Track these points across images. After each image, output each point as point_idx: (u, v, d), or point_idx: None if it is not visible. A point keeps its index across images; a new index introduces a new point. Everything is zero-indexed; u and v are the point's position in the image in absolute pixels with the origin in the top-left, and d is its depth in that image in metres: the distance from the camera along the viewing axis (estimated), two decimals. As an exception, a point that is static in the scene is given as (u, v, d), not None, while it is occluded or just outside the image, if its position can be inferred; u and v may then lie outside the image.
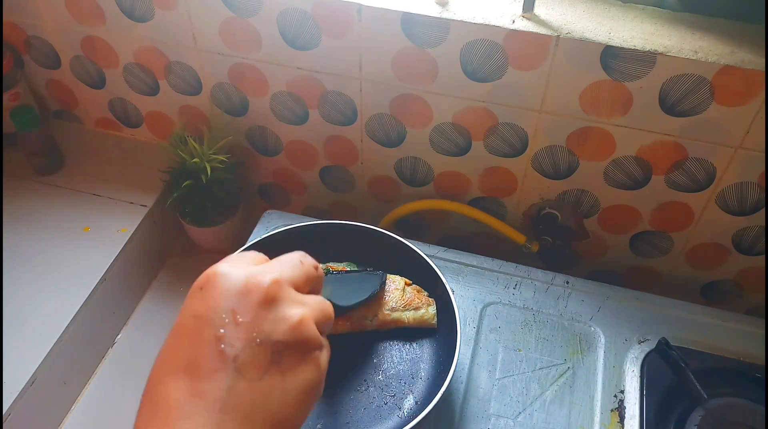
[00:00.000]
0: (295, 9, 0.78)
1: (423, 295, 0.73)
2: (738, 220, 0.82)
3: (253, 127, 0.96)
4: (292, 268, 0.40)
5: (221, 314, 0.37)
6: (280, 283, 0.38)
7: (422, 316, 0.72)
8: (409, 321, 0.72)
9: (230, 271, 0.38)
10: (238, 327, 0.36)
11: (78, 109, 1.07)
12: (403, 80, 0.81)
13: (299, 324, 0.38)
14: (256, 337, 0.36)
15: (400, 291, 0.73)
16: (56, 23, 0.94)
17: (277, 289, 0.38)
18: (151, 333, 0.95)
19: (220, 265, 0.39)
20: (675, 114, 0.73)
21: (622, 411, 0.70)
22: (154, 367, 0.39)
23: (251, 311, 0.37)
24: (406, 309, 0.72)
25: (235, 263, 0.40)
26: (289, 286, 0.39)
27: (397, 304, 0.72)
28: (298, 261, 0.42)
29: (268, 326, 0.37)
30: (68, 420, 0.85)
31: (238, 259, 0.41)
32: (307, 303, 0.39)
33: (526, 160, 0.85)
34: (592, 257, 0.95)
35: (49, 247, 0.91)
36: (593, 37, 0.70)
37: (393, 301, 0.72)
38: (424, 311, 0.72)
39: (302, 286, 0.41)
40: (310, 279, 0.42)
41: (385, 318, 0.71)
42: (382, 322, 0.71)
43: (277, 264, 0.41)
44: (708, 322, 0.78)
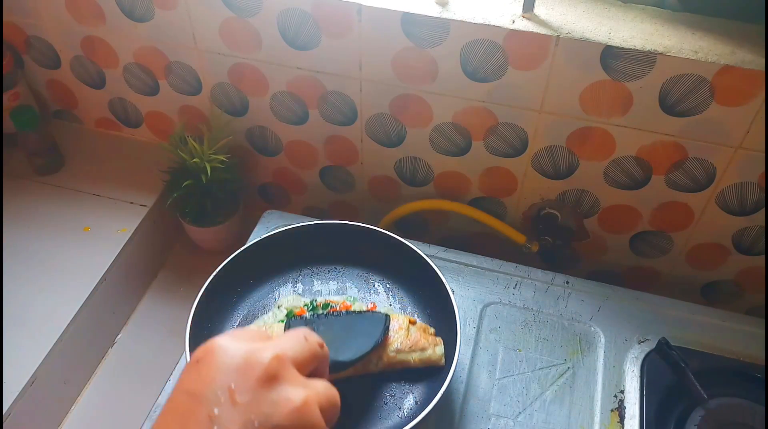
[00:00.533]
0: (295, 9, 0.78)
1: (429, 335, 0.69)
2: (738, 220, 0.82)
3: (253, 127, 0.96)
4: (295, 345, 0.38)
5: (217, 392, 0.34)
6: (282, 359, 0.36)
7: (429, 357, 0.67)
8: (415, 362, 0.67)
9: (230, 345, 0.36)
10: (234, 407, 0.34)
11: (78, 109, 1.07)
12: (403, 80, 0.81)
13: (302, 407, 0.35)
14: (254, 419, 0.33)
15: (405, 330, 0.68)
16: (56, 23, 0.94)
17: (278, 367, 0.35)
18: (151, 333, 0.95)
19: (219, 338, 0.37)
20: (675, 114, 0.73)
21: (622, 411, 0.70)
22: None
23: (250, 390, 0.34)
24: (412, 350, 0.67)
25: (235, 337, 0.37)
26: (291, 364, 0.37)
27: (403, 345, 0.67)
28: (302, 337, 0.39)
29: (267, 408, 0.34)
30: (68, 420, 0.85)
31: (240, 333, 0.38)
32: (312, 385, 0.37)
33: (526, 160, 0.85)
34: (592, 257, 0.95)
35: (49, 247, 0.91)
36: (593, 37, 0.70)
37: (398, 341, 0.67)
38: (431, 352, 0.67)
39: (306, 365, 0.38)
40: (314, 357, 0.39)
41: (391, 360, 0.66)
42: (387, 364, 0.67)
43: (280, 340, 0.38)
44: (708, 322, 0.78)
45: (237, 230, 1.00)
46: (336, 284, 0.79)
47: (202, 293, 0.71)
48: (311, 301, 0.74)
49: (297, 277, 0.79)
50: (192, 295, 0.71)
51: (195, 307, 0.70)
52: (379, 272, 0.80)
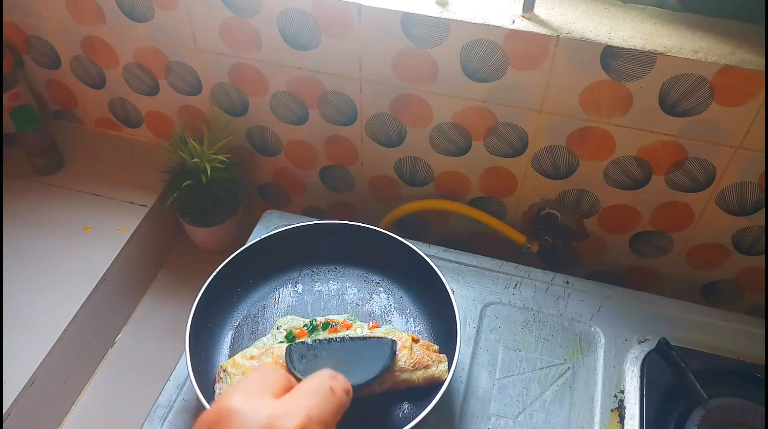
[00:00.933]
0: (295, 9, 0.78)
1: (432, 352, 0.67)
2: (738, 220, 0.82)
3: (253, 127, 0.96)
4: (322, 402, 0.33)
5: None
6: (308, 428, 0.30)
7: (433, 375, 0.66)
8: (419, 381, 0.65)
9: (248, 411, 0.30)
10: None
11: (78, 109, 1.07)
12: (403, 80, 0.81)
13: None
14: None
15: (408, 349, 0.66)
16: (56, 23, 0.94)
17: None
18: (152, 333, 0.95)
19: (234, 397, 0.31)
20: (675, 114, 0.73)
21: (622, 411, 0.70)
22: None
23: None
24: (416, 368, 0.65)
25: (252, 395, 0.31)
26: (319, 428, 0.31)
27: (406, 364, 0.65)
28: (328, 390, 0.34)
29: None
30: (68, 420, 0.85)
31: (257, 385, 0.32)
32: None
33: (526, 160, 0.85)
34: (592, 257, 0.95)
35: (49, 247, 0.91)
36: (593, 37, 0.70)
37: (401, 360, 0.65)
38: (435, 369, 0.66)
39: (333, 422, 0.33)
40: (341, 410, 0.34)
41: (395, 380, 0.64)
42: (391, 384, 0.65)
43: (305, 397, 0.32)
44: (708, 322, 0.78)
45: (237, 230, 1.00)
46: (336, 284, 0.79)
47: (202, 293, 0.71)
48: (311, 321, 0.73)
49: (297, 277, 0.79)
50: (192, 295, 0.71)
51: (195, 307, 0.70)
52: (379, 272, 0.80)
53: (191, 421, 0.68)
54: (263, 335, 0.73)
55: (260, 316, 0.75)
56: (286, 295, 0.78)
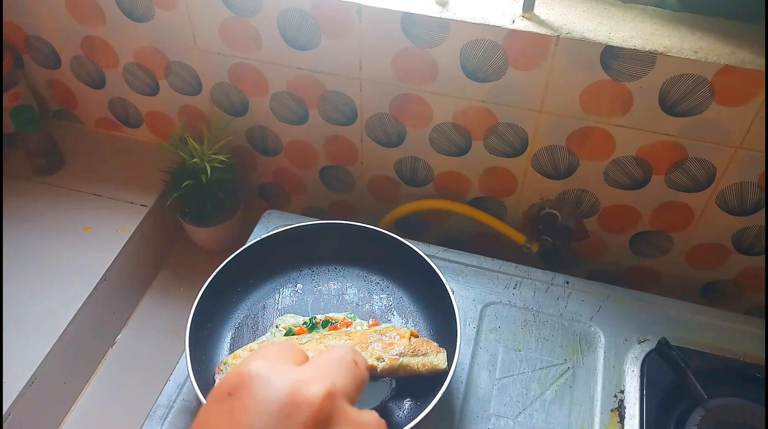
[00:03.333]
0: (295, 9, 0.78)
1: (432, 345, 0.68)
2: (738, 220, 0.82)
3: (253, 127, 0.96)
4: (346, 373, 0.31)
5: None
6: (334, 397, 0.29)
7: (432, 362, 0.66)
8: (417, 367, 0.66)
9: (270, 376, 0.29)
10: None
11: (78, 109, 1.07)
12: (403, 80, 0.81)
13: None
14: None
15: (406, 339, 0.67)
16: (56, 23, 0.94)
17: (331, 408, 0.29)
18: (152, 333, 0.95)
19: (254, 362, 0.30)
20: (675, 114, 0.73)
21: (622, 411, 0.70)
22: None
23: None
24: (415, 354, 0.66)
25: (273, 361, 0.30)
26: (344, 399, 0.30)
27: (405, 350, 0.66)
28: (352, 362, 0.32)
29: None
30: (68, 420, 0.85)
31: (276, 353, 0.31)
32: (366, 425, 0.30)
33: (526, 160, 0.85)
34: (592, 257, 0.95)
35: (49, 247, 0.91)
36: (593, 37, 0.70)
37: (400, 346, 0.66)
38: (434, 357, 0.67)
39: (354, 396, 0.32)
40: (364, 385, 0.33)
41: (393, 363, 0.65)
42: (390, 367, 0.65)
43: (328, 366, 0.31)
44: (708, 322, 0.78)
45: (237, 230, 1.01)
46: (336, 284, 0.79)
47: (202, 293, 0.71)
48: (310, 319, 0.73)
49: (297, 277, 0.79)
50: (192, 295, 0.71)
51: (195, 307, 0.70)
52: (379, 272, 0.80)
53: (191, 421, 0.68)
54: (263, 335, 0.73)
55: (260, 316, 0.75)
56: (287, 294, 0.78)
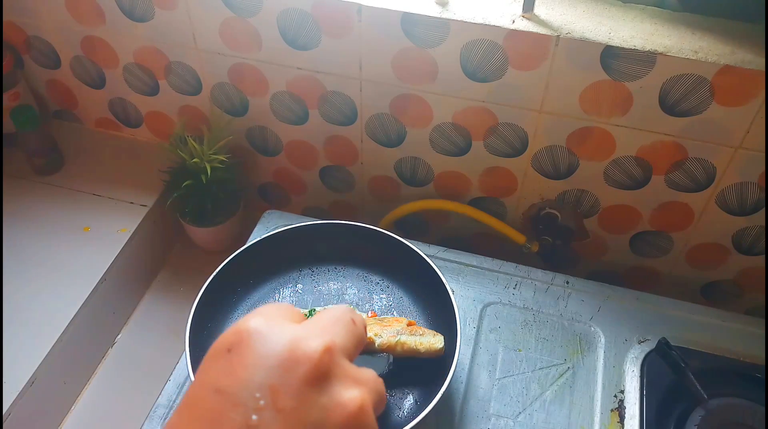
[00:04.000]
0: (295, 9, 0.78)
1: (429, 330, 0.69)
2: (738, 220, 0.82)
3: (253, 127, 0.96)
4: (344, 330, 0.32)
5: (255, 393, 0.27)
6: (332, 352, 0.29)
7: (429, 342, 0.67)
8: (415, 346, 0.67)
9: (269, 331, 0.29)
10: (277, 414, 0.27)
11: (78, 109, 1.07)
12: (403, 80, 0.81)
13: (359, 412, 0.29)
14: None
15: (403, 324, 0.69)
16: (56, 23, 0.94)
17: (329, 362, 0.29)
18: (151, 333, 0.95)
19: (253, 319, 0.30)
20: (675, 114, 0.73)
21: (622, 411, 0.70)
22: None
23: (296, 392, 0.28)
24: (413, 333, 0.67)
25: (272, 319, 0.30)
26: (342, 356, 0.30)
27: (403, 330, 0.67)
28: (350, 320, 0.32)
29: (317, 415, 0.28)
30: (68, 420, 0.85)
31: (274, 312, 0.32)
32: (364, 381, 0.31)
33: (526, 160, 0.85)
34: (592, 257, 0.95)
35: (49, 247, 0.91)
36: (593, 37, 0.70)
37: (397, 327, 0.68)
38: (431, 337, 0.68)
39: (353, 354, 0.32)
40: (362, 344, 0.33)
41: (390, 341, 0.66)
42: (387, 343, 0.66)
43: (327, 323, 0.32)
44: (708, 322, 0.78)
45: (237, 230, 1.00)
46: (336, 284, 0.79)
47: (202, 293, 0.71)
48: (310, 310, 0.73)
49: (297, 277, 0.79)
50: (192, 295, 0.71)
51: (195, 307, 0.70)
52: (379, 272, 0.80)
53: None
54: None
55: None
56: (286, 294, 0.78)
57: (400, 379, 0.69)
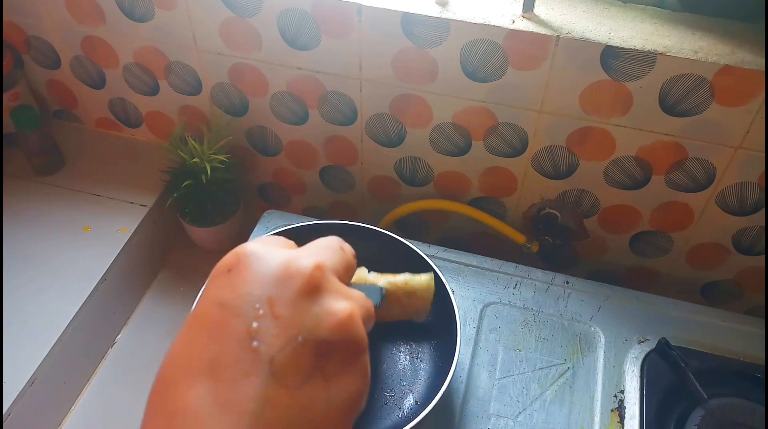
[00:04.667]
0: (295, 9, 0.78)
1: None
2: (738, 220, 0.82)
3: (253, 127, 0.96)
4: (333, 255, 0.34)
5: (255, 304, 0.30)
6: (323, 269, 0.32)
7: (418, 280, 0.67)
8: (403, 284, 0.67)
9: (265, 252, 0.32)
10: (275, 321, 0.30)
11: (78, 109, 1.07)
12: (403, 80, 0.81)
13: (348, 320, 0.31)
14: (297, 334, 0.30)
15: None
16: (56, 23, 0.94)
17: (321, 277, 0.32)
18: (152, 333, 0.95)
19: (250, 244, 0.33)
20: (675, 114, 0.73)
21: (622, 411, 0.70)
22: (164, 365, 0.31)
23: (291, 302, 0.30)
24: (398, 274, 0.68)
25: (268, 244, 0.34)
26: (332, 274, 0.33)
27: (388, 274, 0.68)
28: (338, 247, 0.35)
29: (311, 321, 0.30)
30: (68, 420, 0.85)
31: (271, 240, 0.35)
32: (353, 296, 0.33)
33: (526, 160, 0.85)
34: (592, 257, 0.95)
35: (49, 247, 0.91)
36: (593, 37, 0.70)
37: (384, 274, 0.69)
38: (418, 278, 0.67)
39: (343, 276, 0.35)
40: (350, 269, 0.36)
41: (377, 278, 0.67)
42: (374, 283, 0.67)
43: (318, 248, 0.35)
44: (708, 322, 0.78)
45: (237, 230, 1.00)
46: (336, 284, 0.79)
47: (202, 293, 0.71)
48: None
49: (297, 277, 0.79)
50: (192, 295, 0.71)
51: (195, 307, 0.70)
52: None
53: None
54: None
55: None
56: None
57: (401, 378, 0.69)
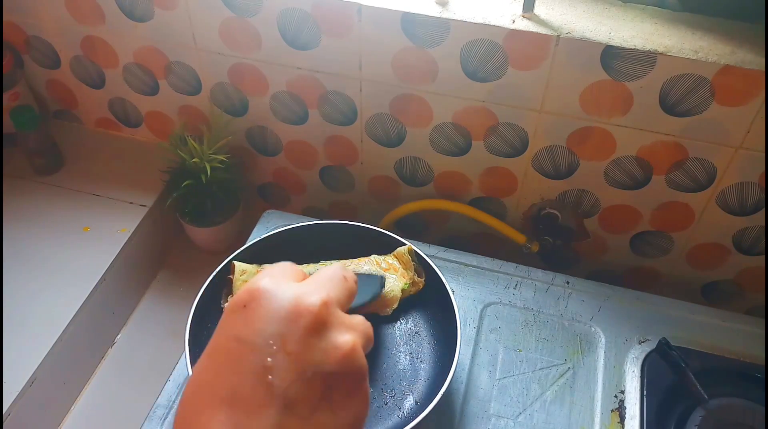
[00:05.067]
0: (295, 9, 0.78)
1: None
2: (738, 220, 0.82)
3: (252, 127, 0.96)
4: (337, 287, 0.38)
5: (269, 340, 0.33)
6: (329, 305, 0.36)
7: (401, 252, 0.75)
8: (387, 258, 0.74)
9: (277, 289, 0.35)
10: (287, 357, 0.33)
11: (78, 109, 1.07)
12: (403, 80, 0.81)
13: (351, 352, 0.35)
14: (307, 369, 0.33)
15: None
16: (56, 23, 0.94)
17: (326, 314, 0.35)
18: (151, 333, 0.95)
19: (262, 280, 0.36)
20: (675, 114, 0.73)
21: (622, 411, 0.70)
22: (189, 392, 0.35)
23: (300, 339, 0.34)
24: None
25: (278, 279, 0.36)
26: (337, 307, 0.37)
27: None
28: (341, 277, 0.39)
29: (318, 356, 0.34)
30: (68, 420, 0.85)
31: (280, 273, 0.38)
32: (354, 327, 0.36)
33: (527, 160, 0.85)
34: (592, 257, 0.95)
35: (49, 247, 0.91)
36: (593, 37, 0.70)
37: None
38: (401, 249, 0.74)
39: (345, 305, 0.38)
40: (352, 296, 0.39)
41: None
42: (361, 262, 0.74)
43: (323, 281, 0.38)
44: (708, 322, 0.78)
45: (237, 230, 1.00)
46: (336, 284, 0.79)
47: (202, 293, 0.71)
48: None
49: (297, 277, 0.79)
50: (192, 295, 0.71)
51: (195, 307, 0.70)
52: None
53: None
54: None
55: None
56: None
57: (401, 378, 0.69)
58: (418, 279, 0.75)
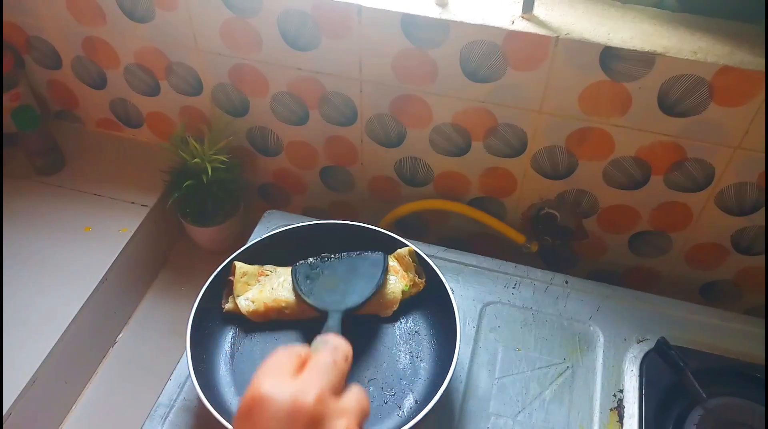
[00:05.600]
0: (296, 10, 0.78)
1: None
2: (737, 220, 0.82)
3: (253, 127, 0.96)
4: (329, 375, 0.42)
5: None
6: (323, 400, 0.40)
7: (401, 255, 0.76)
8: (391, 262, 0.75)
9: (275, 394, 0.40)
10: None
11: (79, 110, 1.07)
12: (403, 81, 0.81)
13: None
14: None
15: None
16: (57, 23, 0.94)
17: (321, 408, 0.39)
18: (152, 333, 0.95)
19: (262, 384, 0.40)
20: (674, 114, 0.74)
21: (621, 410, 0.70)
22: None
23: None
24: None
25: (276, 379, 0.41)
26: (330, 396, 0.41)
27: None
28: (331, 363, 0.43)
29: None
30: (69, 420, 0.85)
31: (277, 369, 0.42)
32: (349, 410, 0.41)
33: (526, 161, 0.85)
34: (592, 257, 0.95)
35: (50, 247, 0.91)
36: (593, 38, 0.70)
37: None
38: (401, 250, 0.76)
39: (340, 387, 0.42)
40: (344, 376, 0.43)
41: None
42: None
43: (315, 373, 0.42)
44: (707, 321, 0.79)
45: (237, 230, 1.01)
46: (336, 284, 0.79)
47: (203, 293, 0.72)
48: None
49: (297, 277, 0.80)
50: (193, 295, 0.71)
51: (196, 307, 0.70)
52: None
53: (192, 421, 0.68)
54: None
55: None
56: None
57: (401, 378, 0.70)
58: (418, 280, 0.75)
